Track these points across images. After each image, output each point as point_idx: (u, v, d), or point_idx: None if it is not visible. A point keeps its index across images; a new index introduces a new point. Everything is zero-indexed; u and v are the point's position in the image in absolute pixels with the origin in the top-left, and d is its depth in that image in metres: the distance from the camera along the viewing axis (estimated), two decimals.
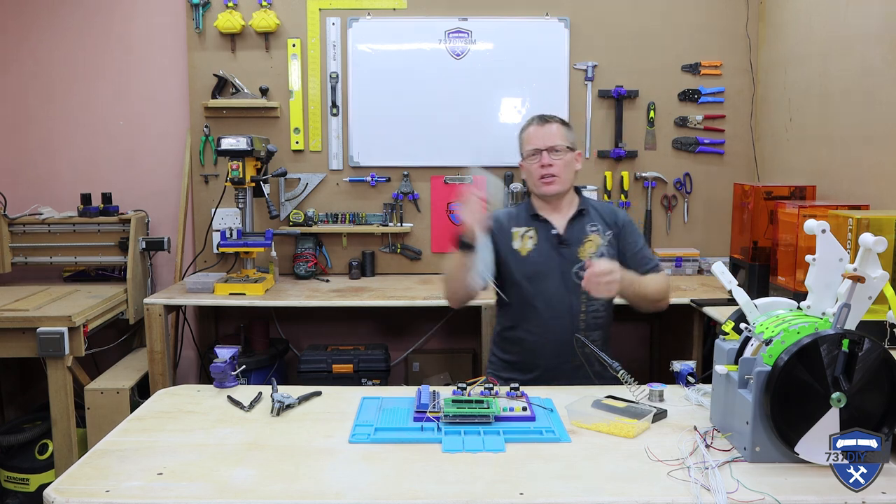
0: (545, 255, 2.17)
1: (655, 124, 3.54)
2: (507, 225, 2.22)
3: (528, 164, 2.21)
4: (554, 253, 2.18)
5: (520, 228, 2.21)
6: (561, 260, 2.17)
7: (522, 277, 2.16)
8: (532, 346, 2.16)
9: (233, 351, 1.88)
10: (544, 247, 2.18)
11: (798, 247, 2.46)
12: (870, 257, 1.35)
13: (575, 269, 2.15)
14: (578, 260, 2.16)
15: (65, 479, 1.32)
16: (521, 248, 2.19)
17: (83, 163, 3.57)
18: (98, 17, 3.50)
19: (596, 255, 2.16)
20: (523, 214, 2.25)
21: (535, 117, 2.25)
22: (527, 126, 2.25)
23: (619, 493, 1.26)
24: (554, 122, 2.22)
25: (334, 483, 1.31)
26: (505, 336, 2.25)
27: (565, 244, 2.18)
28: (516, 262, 2.18)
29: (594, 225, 2.21)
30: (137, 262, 3.31)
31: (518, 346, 2.20)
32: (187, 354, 3.60)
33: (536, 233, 2.20)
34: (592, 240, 2.19)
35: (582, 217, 2.22)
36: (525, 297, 2.16)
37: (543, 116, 2.24)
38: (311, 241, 3.45)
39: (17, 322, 2.74)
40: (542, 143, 2.17)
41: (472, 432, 1.51)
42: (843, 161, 2.78)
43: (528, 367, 2.17)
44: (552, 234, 2.19)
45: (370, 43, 3.45)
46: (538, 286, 2.15)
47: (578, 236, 2.19)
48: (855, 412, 1.32)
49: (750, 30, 3.50)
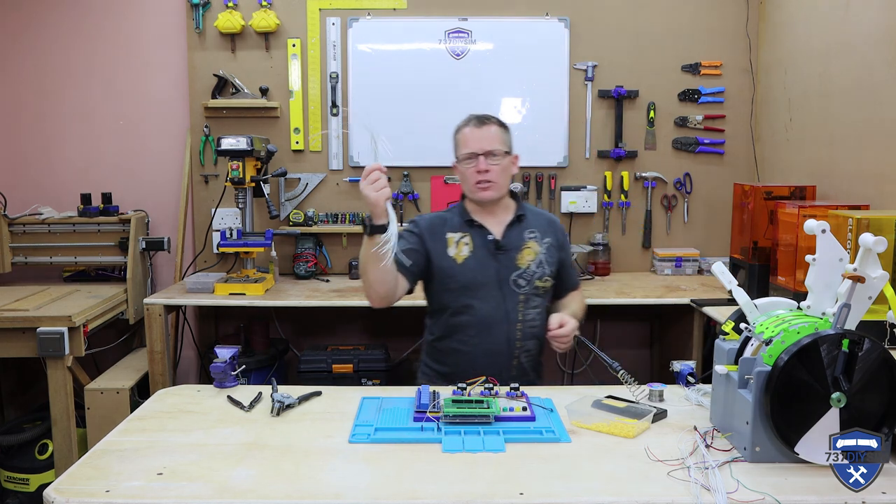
0: (482, 263, 2.07)
1: (655, 124, 3.54)
2: (440, 230, 2.10)
3: (462, 168, 2.09)
4: (491, 260, 2.07)
5: (454, 234, 2.10)
6: (498, 267, 2.07)
7: (458, 285, 2.05)
8: (467, 356, 2.05)
9: (233, 351, 1.88)
10: (481, 253, 2.08)
11: (798, 247, 2.46)
12: (870, 257, 1.35)
13: (513, 276, 2.07)
14: (517, 267, 2.07)
15: (65, 479, 1.32)
16: (456, 255, 2.07)
17: (83, 163, 3.57)
18: (98, 18, 3.50)
19: (534, 262, 2.09)
20: (457, 220, 2.13)
21: (471, 117, 2.13)
22: (462, 127, 2.13)
23: (619, 493, 1.26)
24: (492, 124, 2.11)
25: (334, 483, 1.31)
26: (438, 346, 2.13)
27: (503, 250, 2.08)
28: (452, 269, 2.06)
29: (532, 231, 2.13)
30: (137, 262, 3.31)
31: (453, 357, 2.08)
32: (187, 354, 3.60)
33: (472, 239, 2.09)
34: (530, 247, 2.10)
35: (520, 223, 2.13)
36: (460, 306, 2.06)
37: (480, 117, 2.12)
38: (311, 241, 3.45)
39: (17, 322, 2.74)
40: (479, 147, 2.06)
41: (472, 432, 1.51)
42: (843, 161, 2.78)
43: (464, 378, 1.83)
44: (489, 240, 2.09)
45: (370, 43, 3.45)
46: (474, 294, 2.05)
47: (517, 242, 2.10)
48: (855, 412, 1.32)
49: (750, 30, 3.50)
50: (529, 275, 2.08)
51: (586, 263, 3.51)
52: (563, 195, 3.52)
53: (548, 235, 2.15)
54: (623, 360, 1.83)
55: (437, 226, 2.12)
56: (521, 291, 2.07)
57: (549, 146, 3.52)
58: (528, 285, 2.07)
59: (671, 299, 2.97)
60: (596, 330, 3.68)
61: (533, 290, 2.08)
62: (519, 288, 2.07)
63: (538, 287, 2.09)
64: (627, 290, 3.11)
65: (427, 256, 2.08)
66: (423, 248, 2.08)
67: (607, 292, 3.09)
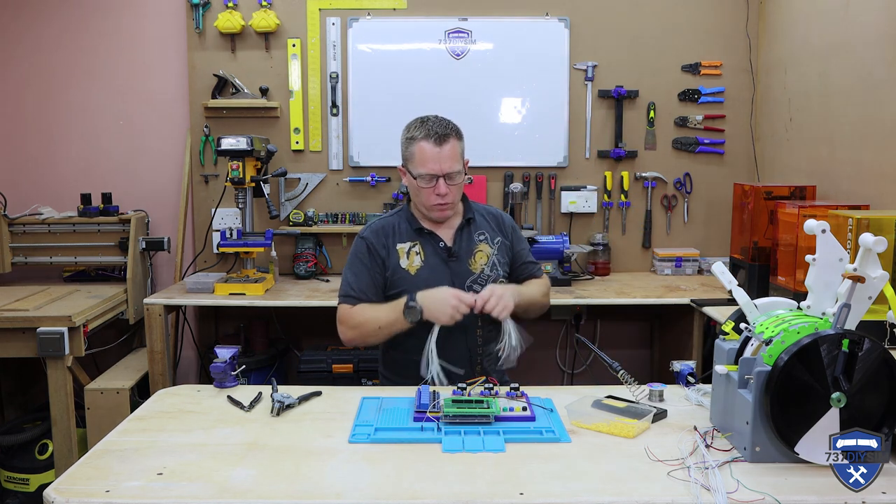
0: (435, 271, 2.02)
1: (655, 124, 3.54)
2: (390, 241, 2.05)
3: (418, 185, 2.00)
4: (444, 268, 2.03)
5: (404, 244, 2.05)
6: (452, 274, 2.03)
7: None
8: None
9: (233, 351, 1.88)
10: (433, 262, 2.03)
11: (798, 247, 2.46)
12: (870, 257, 1.35)
13: (468, 282, 2.03)
14: (470, 273, 2.05)
15: (65, 479, 1.32)
16: (408, 267, 2.02)
17: (83, 163, 3.57)
18: (98, 18, 3.50)
19: (487, 265, 2.06)
20: (405, 228, 2.07)
21: (430, 129, 1.98)
22: (419, 138, 1.98)
23: (619, 493, 1.26)
24: (450, 139, 1.98)
25: (334, 483, 1.31)
26: (394, 357, 2.08)
27: (455, 257, 2.05)
28: (405, 281, 2.01)
29: (482, 233, 2.10)
30: (137, 262, 3.31)
31: (410, 370, 1.93)
32: (187, 354, 3.60)
33: (422, 247, 2.04)
34: (482, 250, 2.07)
35: (469, 226, 2.09)
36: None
37: (440, 133, 1.97)
38: (311, 241, 3.45)
39: (17, 322, 2.74)
40: (440, 169, 1.96)
41: (472, 432, 1.51)
42: (843, 161, 2.78)
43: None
44: (440, 248, 2.05)
45: (370, 43, 3.45)
46: None
47: (468, 247, 2.06)
48: (855, 412, 1.32)
49: (750, 30, 3.50)
50: (484, 279, 2.05)
51: (586, 263, 3.51)
52: (563, 195, 3.52)
53: (498, 234, 2.12)
54: (623, 360, 1.83)
55: (385, 236, 2.06)
56: None
57: (549, 146, 3.52)
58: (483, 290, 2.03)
59: (671, 299, 2.97)
60: (596, 330, 3.68)
61: None
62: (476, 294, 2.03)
63: None
64: (627, 290, 3.11)
65: (384, 272, 2.03)
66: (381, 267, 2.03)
67: (607, 292, 3.09)
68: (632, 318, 3.74)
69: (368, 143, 3.50)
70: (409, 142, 2.03)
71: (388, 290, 2.05)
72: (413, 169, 2.02)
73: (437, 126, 2.00)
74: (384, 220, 2.11)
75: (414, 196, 2.07)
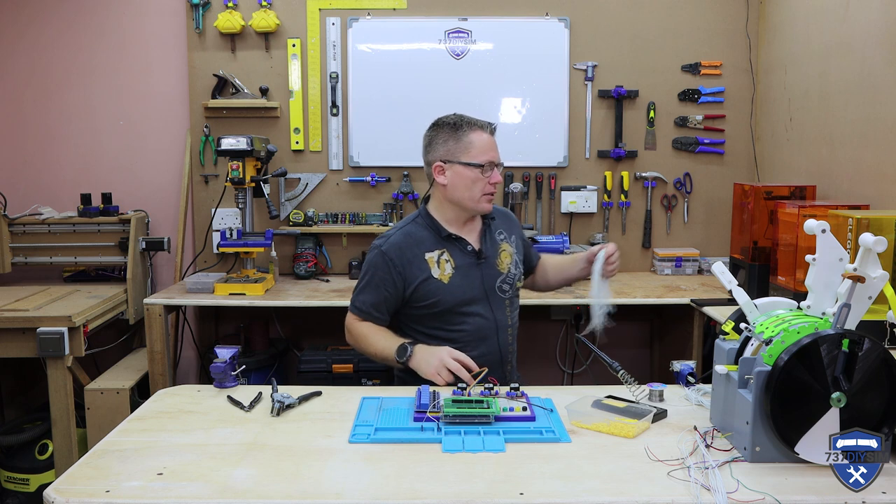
0: (467, 276, 1.99)
1: (655, 124, 3.54)
2: (415, 253, 1.97)
3: (471, 175, 1.94)
4: (475, 271, 2.01)
5: (432, 253, 1.98)
6: (483, 277, 2.01)
7: (447, 307, 1.97)
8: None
9: (233, 351, 1.88)
10: (463, 267, 1.99)
11: (798, 247, 2.47)
12: (870, 257, 1.35)
13: (497, 283, 2.03)
14: (499, 273, 2.03)
15: (65, 479, 1.32)
16: (441, 276, 1.97)
17: (83, 163, 3.57)
18: (98, 17, 3.51)
19: (512, 264, 2.07)
20: (428, 236, 2.00)
21: (481, 122, 1.99)
22: (474, 129, 1.97)
23: (619, 493, 1.26)
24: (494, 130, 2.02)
25: (334, 483, 1.31)
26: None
27: (484, 258, 2.02)
28: (440, 291, 1.96)
29: (501, 232, 2.09)
30: (137, 262, 3.31)
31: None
32: (187, 354, 3.60)
33: (451, 255, 1.99)
34: (505, 249, 2.07)
35: (490, 227, 2.07)
36: (454, 326, 1.98)
37: (489, 125, 1.99)
38: (311, 241, 3.45)
39: (17, 322, 2.74)
40: (496, 157, 1.97)
41: (472, 432, 1.51)
42: (843, 161, 2.78)
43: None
44: (468, 252, 2.01)
45: (370, 43, 3.45)
46: (465, 311, 1.98)
47: (493, 249, 2.05)
48: (855, 412, 1.32)
49: (750, 30, 3.50)
50: (511, 278, 2.07)
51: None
52: (563, 195, 3.52)
53: (512, 232, 2.14)
54: (623, 360, 1.83)
55: (409, 249, 1.98)
56: (507, 296, 2.06)
57: (549, 146, 3.52)
58: (511, 289, 2.07)
59: (671, 299, 2.97)
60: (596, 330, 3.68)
61: (514, 292, 2.09)
62: (504, 294, 2.05)
63: (517, 288, 2.10)
64: (627, 290, 3.11)
65: (403, 288, 1.97)
66: (399, 284, 1.96)
67: None
68: (632, 318, 3.74)
69: (368, 143, 3.50)
70: (457, 133, 1.97)
71: (419, 300, 1.98)
72: (470, 159, 1.95)
73: (486, 121, 2.01)
74: (404, 231, 2.02)
75: (461, 189, 1.96)
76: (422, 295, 1.97)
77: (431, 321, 2.00)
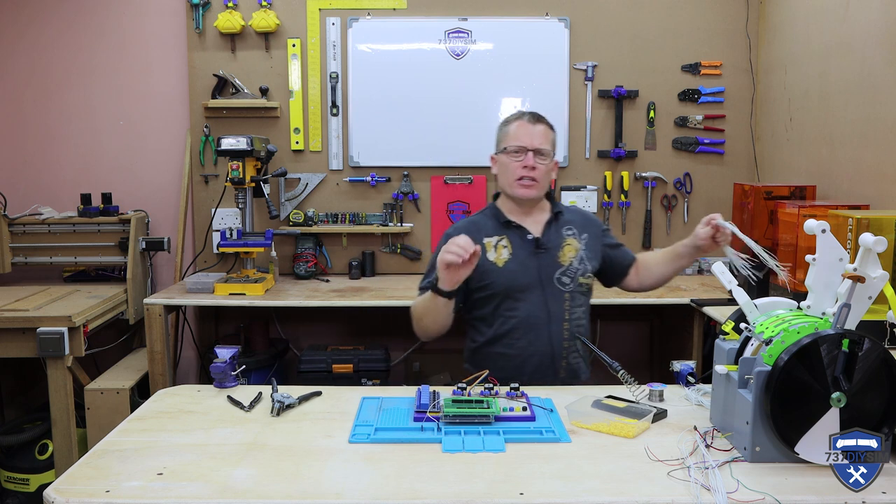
0: (523, 264, 2.03)
1: (655, 124, 3.54)
2: (476, 236, 2.00)
3: (507, 161, 2.05)
4: (532, 260, 2.04)
5: (491, 238, 2.06)
6: (540, 267, 2.03)
7: (500, 290, 2.01)
8: (514, 361, 2.01)
9: (233, 351, 1.88)
10: (520, 254, 2.04)
11: (798, 247, 2.46)
12: (870, 257, 1.35)
13: (556, 274, 2.04)
14: (559, 265, 2.04)
15: (65, 479, 1.32)
16: (496, 260, 2.03)
17: (83, 163, 3.57)
18: (98, 18, 3.51)
19: (575, 259, 2.07)
20: (491, 222, 2.09)
21: (524, 113, 2.10)
22: (514, 119, 2.09)
23: (619, 493, 1.26)
24: (543, 123, 2.08)
25: (334, 483, 1.31)
26: (482, 352, 2.07)
27: (543, 248, 2.05)
28: (493, 274, 2.02)
29: (570, 228, 2.11)
30: (137, 262, 3.31)
31: (499, 363, 1.99)
32: (187, 354, 3.60)
33: (510, 241, 2.05)
34: (570, 243, 2.08)
35: (557, 220, 2.10)
36: (505, 311, 2.02)
37: (534, 114, 2.08)
38: (311, 241, 3.45)
39: (17, 322, 2.74)
40: (530, 143, 2.02)
41: (472, 432, 1.51)
42: (843, 161, 2.78)
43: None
44: (528, 240, 2.05)
45: (370, 43, 3.45)
46: (517, 297, 2.01)
47: (556, 240, 2.07)
48: (855, 412, 1.32)
49: (750, 30, 3.50)
50: (573, 272, 2.06)
51: None
52: (563, 195, 3.52)
53: (585, 231, 2.13)
54: (623, 360, 1.83)
55: (471, 234, 1.98)
56: (567, 290, 2.04)
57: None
58: (572, 283, 2.05)
59: (671, 299, 2.97)
60: (596, 330, 3.68)
61: (577, 287, 2.06)
62: (563, 286, 2.04)
63: (582, 284, 2.07)
64: None
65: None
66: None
67: (607, 292, 3.05)
68: (632, 318, 3.74)
69: (368, 143, 3.50)
70: (504, 125, 2.10)
71: (474, 283, 2.02)
72: (502, 146, 2.07)
73: (530, 111, 2.10)
74: (470, 219, 2.15)
75: (501, 177, 2.09)
76: (476, 277, 2.00)
77: (485, 305, 2.05)
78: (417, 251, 3.55)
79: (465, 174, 3.51)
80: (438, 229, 3.53)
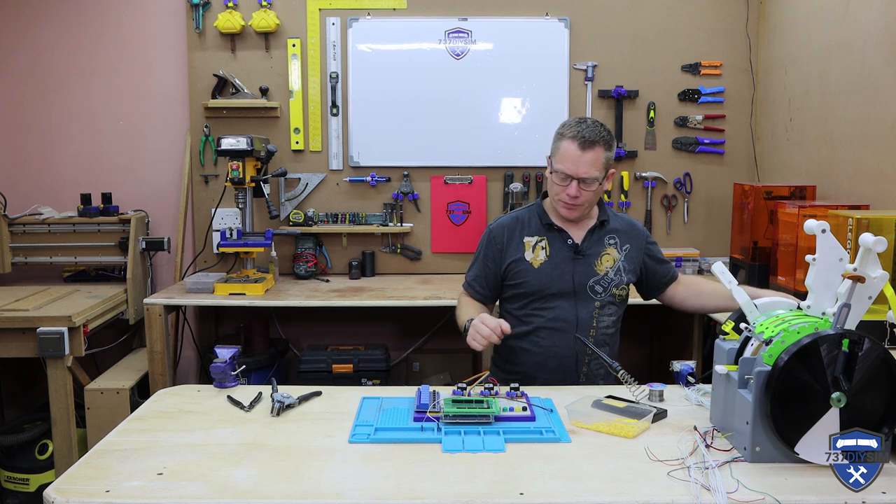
0: (559, 268, 2.05)
1: (655, 124, 3.54)
2: (517, 233, 2.09)
3: (554, 180, 2.03)
4: (568, 265, 2.05)
5: (531, 238, 2.08)
6: (575, 272, 2.04)
7: (532, 289, 2.05)
8: (536, 359, 2.05)
9: (233, 351, 1.88)
10: (558, 258, 2.05)
11: (798, 247, 2.47)
12: (870, 257, 1.35)
13: (590, 282, 2.04)
14: (595, 273, 2.05)
15: (65, 479, 1.32)
16: (532, 260, 2.06)
17: (83, 163, 3.57)
18: (98, 18, 3.51)
19: (612, 269, 2.07)
20: (535, 222, 2.10)
21: (580, 131, 1.97)
22: (568, 135, 1.99)
23: (619, 493, 1.26)
24: (598, 148, 1.97)
25: (334, 483, 1.31)
26: (507, 345, 2.07)
27: (581, 255, 2.06)
28: (527, 274, 2.05)
29: (612, 238, 2.10)
30: (137, 262, 3.31)
31: (521, 359, 2.07)
32: (187, 354, 3.60)
33: (549, 243, 2.07)
34: (610, 253, 2.08)
35: (602, 228, 2.10)
36: (534, 311, 2.06)
37: (586, 139, 1.96)
38: (311, 241, 3.45)
39: (17, 322, 2.74)
40: (576, 172, 1.96)
41: (472, 432, 1.51)
42: (843, 161, 2.78)
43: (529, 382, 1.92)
44: (567, 245, 2.06)
45: (370, 43, 3.45)
46: (548, 299, 2.04)
47: (596, 249, 2.07)
48: (855, 412, 1.32)
49: (750, 30, 3.50)
50: (607, 281, 2.06)
51: None
52: None
53: (627, 242, 2.11)
54: (623, 360, 1.83)
55: (513, 230, 2.10)
56: (598, 298, 2.05)
57: (549, 146, 3.49)
58: (604, 292, 2.05)
59: None
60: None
61: (609, 297, 2.06)
62: (595, 295, 2.05)
63: (615, 295, 2.07)
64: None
65: (501, 265, 2.10)
66: (498, 260, 2.10)
67: None
68: (632, 318, 3.73)
69: (368, 143, 3.50)
70: (558, 136, 2.05)
71: (509, 279, 2.09)
72: (554, 163, 2.04)
73: (588, 130, 1.98)
74: (514, 214, 2.16)
75: (549, 186, 2.09)
76: (513, 274, 2.07)
77: (518, 302, 2.09)
78: (417, 251, 3.55)
79: (465, 174, 3.51)
80: (438, 229, 3.53)
